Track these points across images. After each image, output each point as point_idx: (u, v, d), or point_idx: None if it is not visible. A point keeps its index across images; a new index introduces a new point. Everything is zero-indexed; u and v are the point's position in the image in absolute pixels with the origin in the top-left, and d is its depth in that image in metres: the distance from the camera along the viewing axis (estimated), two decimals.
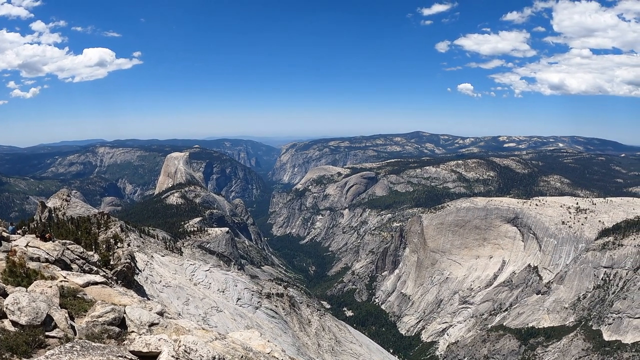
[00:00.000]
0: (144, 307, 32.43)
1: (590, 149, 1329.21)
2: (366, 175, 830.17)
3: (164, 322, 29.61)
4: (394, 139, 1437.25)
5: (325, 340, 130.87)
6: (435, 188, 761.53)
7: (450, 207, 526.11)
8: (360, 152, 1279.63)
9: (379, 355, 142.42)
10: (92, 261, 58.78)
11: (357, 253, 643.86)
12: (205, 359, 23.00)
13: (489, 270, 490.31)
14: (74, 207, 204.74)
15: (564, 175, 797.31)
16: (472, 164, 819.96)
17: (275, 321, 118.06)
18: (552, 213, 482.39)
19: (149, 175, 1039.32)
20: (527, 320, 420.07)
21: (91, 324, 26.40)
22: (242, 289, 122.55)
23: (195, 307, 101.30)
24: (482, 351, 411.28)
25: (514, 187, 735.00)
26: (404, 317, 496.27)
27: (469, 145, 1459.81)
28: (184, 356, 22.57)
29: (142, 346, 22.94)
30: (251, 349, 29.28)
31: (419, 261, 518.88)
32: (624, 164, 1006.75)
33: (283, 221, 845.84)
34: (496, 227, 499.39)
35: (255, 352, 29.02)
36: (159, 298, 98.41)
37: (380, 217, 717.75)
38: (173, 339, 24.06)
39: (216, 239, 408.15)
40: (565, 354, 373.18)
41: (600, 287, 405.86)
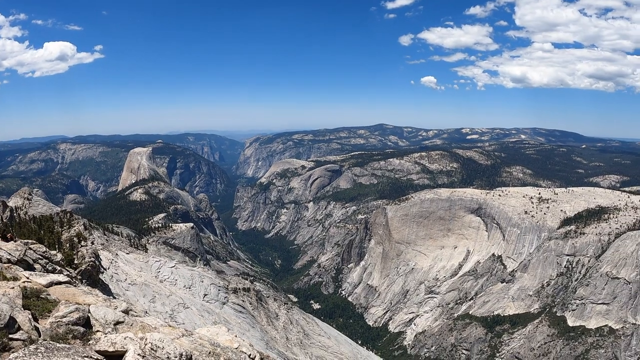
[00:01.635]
0: (109, 305, 32.05)
1: (551, 141, 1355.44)
2: (330, 168, 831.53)
3: (129, 321, 29.24)
4: (358, 132, 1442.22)
5: (294, 333, 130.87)
6: (399, 180, 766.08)
7: (415, 199, 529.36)
8: (324, 145, 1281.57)
9: (347, 346, 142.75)
10: (56, 260, 57.84)
11: (323, 246, 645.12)
12: (173, 356, 22.73)
13: (454, 260, 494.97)
14: (36, 205, 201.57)
15: (526, 166, 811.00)
16: (436, 156, 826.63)
17: (242, 316, 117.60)
18: (515, 203, 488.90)
19: (111, 172, 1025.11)
20: (492, 308, 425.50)
21: (55, 324, 25.92)
22: (209, 284, 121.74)
23: (162, 305, 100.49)
24: (449, 340, 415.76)
25: (477, 178, 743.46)
26: (371, 308, 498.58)
27: (433, 137, 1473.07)
28: (151, 354, 22.31)
29: (108, 345, 22.62)
30: (219, 344, 29.04)
31: (384, 252, 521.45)
32: (585, 155, 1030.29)
33: (248, 215, 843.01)
34: (460, 218, 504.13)
35: (223, 348, 28.82)
36: (125, 296, 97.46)
37: (345, 209, 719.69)
38: (139, 337, 23.73)
39: (181, 234, 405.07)
40: (531, 340, 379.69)
41: (563, 275, 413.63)
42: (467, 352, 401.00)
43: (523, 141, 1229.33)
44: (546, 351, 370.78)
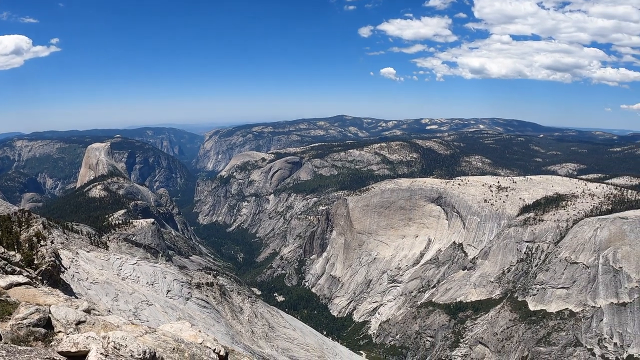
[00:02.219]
0: (70, 305, 31.66)
1: (510, 130, 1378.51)
2: (290, 160, 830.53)
3: (91, 320, 28.90)
4: (318, 123, 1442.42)
5: (259, 326, 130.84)
6: (360, 171, 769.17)
7: (375, 189, 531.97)
8: (284, 137, 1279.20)
9: (312, 338, 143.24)
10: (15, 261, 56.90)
11: (285, 238, 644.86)
12: (136, 353, 22.51)
13: (415, 249, 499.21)
14: None
15: (485, 155, 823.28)
16: (396, 146, 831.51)
17: (207, 311, 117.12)
18: (474, 192, 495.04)
19: (69, 168, 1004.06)
20: (455, 295, 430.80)
21: (16, 326, 25.48)
22: (172, 280, 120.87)
23: (125, 303, 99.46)
24: (413, 327, 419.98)
25: (437, 167, 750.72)
26: (334, 299, 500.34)
27: (392, 127, 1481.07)
28: (114, 352, 22.07)
29: (70, 346, 22.31)
30: (183, 340, 28.81)
31: (346, 243, 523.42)
32: (543, 144, 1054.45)
33: (209, 209, 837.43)
34: (421, 207, 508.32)
35: (187, 343, 28.62)
36: (87, 296, 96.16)
37: (306, 201, 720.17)
38: (102, 335, 23.43)
39: (142, 230, 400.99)
40: (494, 325, 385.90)
41: (523, 261, 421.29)
42: (432, 338, 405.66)
43: (482, 131, 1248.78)
44: (509, 335, 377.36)
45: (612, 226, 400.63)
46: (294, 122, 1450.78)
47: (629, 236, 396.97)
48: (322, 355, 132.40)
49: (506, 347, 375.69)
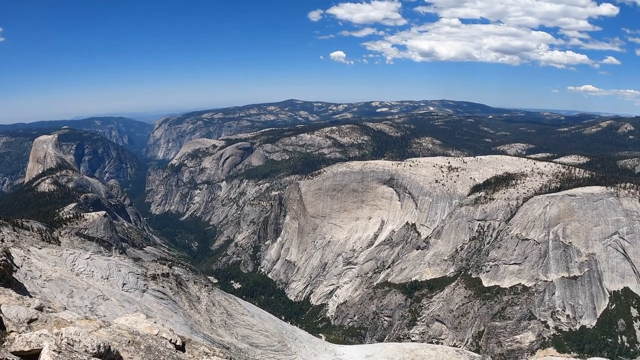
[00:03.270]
0: (22, 304, 30.88)
1: (459, 112, 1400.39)
2: (241, 146, 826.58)
3: (43, 317, 28.13)
4: (268, 108, 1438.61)
5: (217, 315, 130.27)
6: (311, 154, 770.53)
7: (327, 173, 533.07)
8: (235, 123, 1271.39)
9: (271, 323, 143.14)
10: None
11: (239, 225, 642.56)
12: (90, 348, 22.00)
13: (369, 231, 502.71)
14: None
15: (436, 136, 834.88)
16: (347, 130, 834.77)
17: (164, 302, 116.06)
18: (425, 173, 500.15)
19: (17, 163, 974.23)
20: (410, 274, 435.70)
21: None
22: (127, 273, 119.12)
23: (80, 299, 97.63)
24: (370, 308, 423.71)
25: (388, 150, 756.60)
26: (291, 283, 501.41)
27: (343, 111, 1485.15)
28: (67, 349, 21.49)
29: (23, 345, 21.68)
30: (138, 332, 28.32)
31: (300, 227, 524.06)
32: (492, 124, 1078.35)
33: (161, 199, 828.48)
34: (373, 189, 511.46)
35: (143, 336, 28.18)
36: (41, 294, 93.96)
37: (259, 186, 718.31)
38: (54, 333, 22.97)
39: (94, 224, 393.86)
40: (449, 302, 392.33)
41: (475, 239, 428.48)
42: (389, 318, 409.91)
43: (432, 113, 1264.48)
44: (465, 312, 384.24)
45: (561, 203, 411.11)
46: (244, 107, 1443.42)
47: (578, 213, 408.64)
48: (281, 340, 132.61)
49: (462, 323, 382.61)
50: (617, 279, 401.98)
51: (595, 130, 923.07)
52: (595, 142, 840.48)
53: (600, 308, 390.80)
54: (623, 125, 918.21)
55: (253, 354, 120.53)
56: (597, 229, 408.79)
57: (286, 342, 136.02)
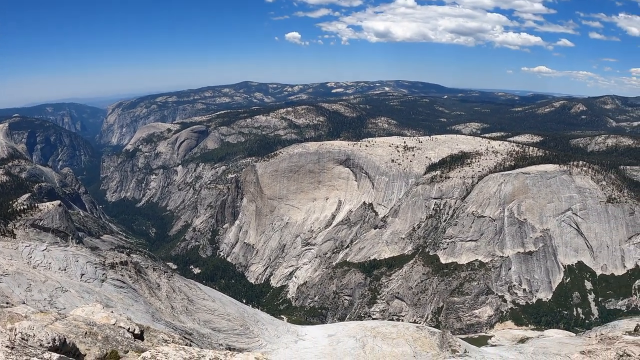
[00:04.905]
0: None
1: (415, 92, 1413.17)
2: (197, 129, 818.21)
3: None
4: (223, 91, 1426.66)
5: (178, 301, 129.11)
6: (267, 136, 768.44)
7: (283, 154, 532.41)
8: (189, 106, 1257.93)
9: (233, 307, 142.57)
10: None
11: (196, 209, 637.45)
12: (45, 342, 21.10)
13: (326, 211, 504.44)
14: None
15: (391, 116, 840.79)
16: (302, 111, 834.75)
17: (124, 291, 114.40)
18: (381, 152, 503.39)
19: None
20: (368, 253, 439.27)
21: None
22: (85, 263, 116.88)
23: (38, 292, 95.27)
24: (330, 288, 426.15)
25: (344, 130, 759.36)
26: (250, 266, 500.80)
27: (298, 92, 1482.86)
28: (21, 344, 20.49)
29: None
30: (95, 323, 27.68)
31: (257, 210, 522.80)
32: (447, 104, 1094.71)
33: (116, 185, 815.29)
34: (329, 170, 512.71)
35: (100, 326, 27.46)
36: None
37: (215, 170, 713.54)
38: (8, 328, 21.93)
39: (49, 214, 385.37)
40: (408, 279, 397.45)
41: (432, 217, 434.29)
42: (350, 297, 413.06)
43: (387, 93, 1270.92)
44: (423, 288, 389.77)
45: (515, 181, 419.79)
46: (199, 90, 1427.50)
47: (532, 190, 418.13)
48: (243, 323, 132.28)
49: (422, 299, 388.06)
50: (571, 254, 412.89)
51: (549, 110, 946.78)
52: (549, 122, 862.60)
53: (555, 282, 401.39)
54: (576, 106, 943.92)
55: (216, 338, 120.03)
56: (551, 205, 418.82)
57: (248, 326, 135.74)
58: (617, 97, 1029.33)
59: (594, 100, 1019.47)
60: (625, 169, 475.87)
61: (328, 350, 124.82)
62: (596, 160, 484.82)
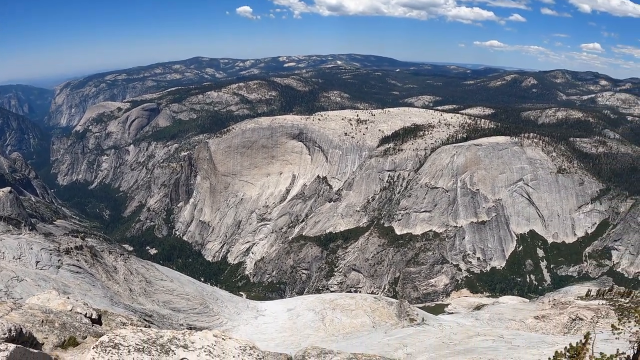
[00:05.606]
0: None
1: (367, 66, 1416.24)
2: (148, 107, 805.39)
3: None
4: (173, 67, 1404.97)
5: (136, 283, 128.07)
6: (219, 112, 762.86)
7: (236, 130, 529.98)
8: (140, 84, 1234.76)
9: (191, 286, 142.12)
10: None
11: (150, 189, 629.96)
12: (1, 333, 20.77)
13: (281, 186, 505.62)
14: None
15: (344, 90, 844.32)
16: (254, 86, 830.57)
17: (81, 276, 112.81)
18: (334, 126, 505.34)
19: None
20: (324, 227, 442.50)
21: None
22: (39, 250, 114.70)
23: None
24: (288, 262, 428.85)
25: (296, 104, 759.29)
26: (207, 244, 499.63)
27: (250, 67, 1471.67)
28: None
29: None
30: (51, 310, 27.48)
31: (212, 187, 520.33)
32: (400, 78, 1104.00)
33: (67, 168, 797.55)
34: (283, 144, 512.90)
35: (57, 313, 27.25)
36: None
37: (167, 148, 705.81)
38: None
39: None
40: (364, 251, 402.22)
41: (386, 189, 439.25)
42: (307, 271, 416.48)
43: (340, 67, 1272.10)
44: (380, 260, 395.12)
45: (467, 152, 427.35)
46: (149, 67, 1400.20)
47: (484, 161, 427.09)
48: (203, 302, 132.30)
49: (378, 271, 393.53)
50: (523, 223, 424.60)
51: (500, 84, 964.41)
52: (500, 95, 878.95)
53: (508, 250, 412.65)
54: (527, 79, 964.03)
55: (176, 319, 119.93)
56: (503, 176, 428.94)
57: (208, 304, 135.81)
58: (567, 72, 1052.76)
59: (544, 75, 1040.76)
60: (575, 141, 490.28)
61: (288, 325, 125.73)
62: (547, 132, 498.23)
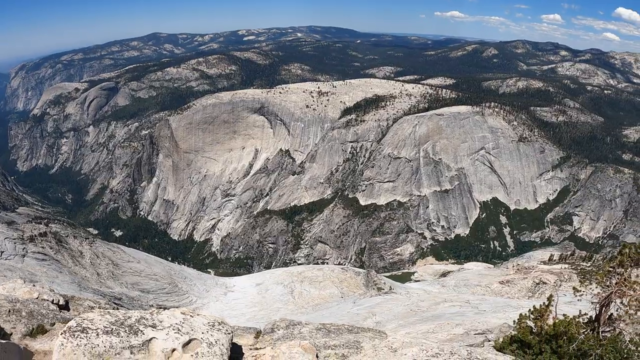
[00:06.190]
0: None
1: (328, 37, 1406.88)
2: (106, 87, 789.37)
3: None
4: (131, 44, 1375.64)
5: (103, 267, 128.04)
6: (179, 89, 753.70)
7: (197, 106, 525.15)
8: (97, 63, 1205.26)
9: (159, 266, 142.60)
10: None
11: (111, 170, 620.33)
12: None
13: (244, 161, 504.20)
14: None
15: (305, 62, 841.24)
16: (214, 60, 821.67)
17: (47, 264, 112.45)
18: (296, 99, 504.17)
19: None
20: (288, 200, 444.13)
21: None
22: (3, 240, 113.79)
23: None
24: (254, 237, 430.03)
25: (257, 78, 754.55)
26: (172, 222, 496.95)
27: (209, 41, 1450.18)
28: None
29: None
30: (17, 299, 27.73)
31: (174, 165, 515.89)
32: (360, 49, 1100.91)
33: (26, 154, 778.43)
34: (244, 119, 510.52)
35: (23, 302, 27.73)
36: None
37: (128, 127, 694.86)
38: None
39: None
40: (330, 223, 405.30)
41: (349, 160, 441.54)
42: (274, 245, 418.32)
43: (300, 39, 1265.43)
44: (345, 231, 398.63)
45: (429, 122, 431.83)
46: (106, 45, 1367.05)
47: (446, 130, 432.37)
48: (171, 281, 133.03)
49: (344, 242, 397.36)
50: (485, 190, 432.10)
51: (461, 54, 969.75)
52: (461, 65, 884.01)
53: (472, 217, 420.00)
54: (488, 50, 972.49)
55: (146, 300, 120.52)
56: (465, 145, 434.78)
57: (177, 283, 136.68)
58: (528, 42, 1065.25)
59: (505, 45, 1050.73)
60: (536, 110, 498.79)
61: (258, 299, 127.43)
62: (508, 101, 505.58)
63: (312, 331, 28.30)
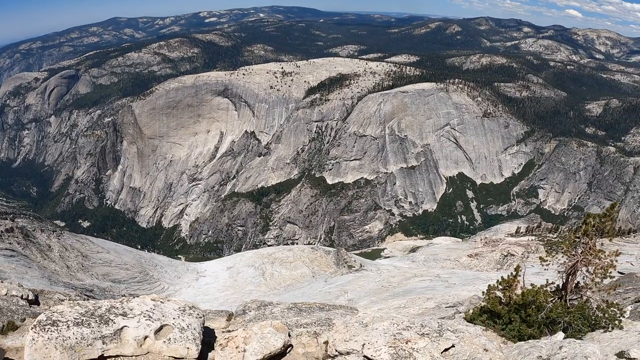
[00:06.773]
0: None
1: (290, 17, 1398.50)
2: (66, 75, 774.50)
3: None
4: (90, 30, 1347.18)
5: (72, 259, 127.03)
6: (141, 74, 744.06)
7: (160, 91, 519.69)
8: (56, 51, 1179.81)
9: (128, 255, 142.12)
10: None
11: (76, 160, 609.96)
12: None
13: (209, 145, 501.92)
14: None
15: (267, 43, 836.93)
16: (175, 44, 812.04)
17: (15, 260, 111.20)
18: (259, 80, 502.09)
19: None
20: (255, 182, 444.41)
21: None
22: None
23: None
24: (223, 221, 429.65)
25: (219, 60, 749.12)
26: (140, 210, 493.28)
27: (170, 24, 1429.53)
28: None
29: None
30: None
31: (139, 151, 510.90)
32: (323, 28, 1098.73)
33: None
34: (208, 102, 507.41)
35: None
36: None
37: (90, 115, 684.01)
38: None
39: None
40: (298, 203, 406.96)
41: (315, 140, 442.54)
42: (243, 227, 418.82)
43: (262, 20, 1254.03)
44: (313, 210, 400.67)
45: (394, 100, 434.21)
46: (64, 32, 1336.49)
47: (410, 107, 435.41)
48: (142, 270, 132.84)
49: (313, 221, 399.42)
50: (451, 166, 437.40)
51: (425, 31, 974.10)
52: (425, 42, 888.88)
53: (439, 193, 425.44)
54: (451, 27, 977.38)
55: (117, 290, 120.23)
56: (430, 121, 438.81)
57: (147, 271, 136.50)
58: (491, 19, 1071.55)
59: (469, 22, 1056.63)
60: (500, 86, 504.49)
61: (230, 283, 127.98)
62: (471, 78, 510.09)
63: (284, 311, 29.09)
